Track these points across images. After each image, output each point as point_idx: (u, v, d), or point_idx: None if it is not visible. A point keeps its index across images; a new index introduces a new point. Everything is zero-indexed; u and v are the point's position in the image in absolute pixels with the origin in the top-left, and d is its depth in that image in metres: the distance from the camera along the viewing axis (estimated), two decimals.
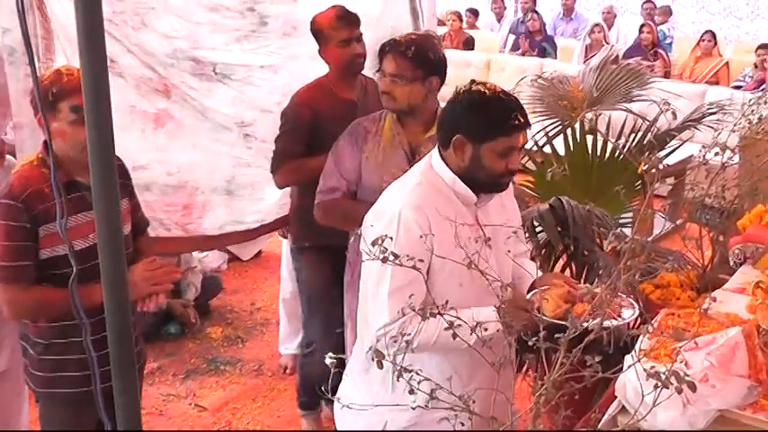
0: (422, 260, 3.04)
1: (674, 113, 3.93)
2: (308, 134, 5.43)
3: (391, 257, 2.76)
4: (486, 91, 3.60)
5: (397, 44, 4.75)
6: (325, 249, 5.61)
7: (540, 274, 4.08)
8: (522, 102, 3.71)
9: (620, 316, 3.43)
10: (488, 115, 3.56)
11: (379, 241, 2.85)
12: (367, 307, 3.69)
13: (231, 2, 5.42)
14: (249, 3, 5.49)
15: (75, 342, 4.10)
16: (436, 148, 3.76)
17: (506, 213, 3.91)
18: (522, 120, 3.56)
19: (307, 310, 5.93)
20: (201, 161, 5.56)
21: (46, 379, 4.23)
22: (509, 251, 3.68)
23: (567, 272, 5.27)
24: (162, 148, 5.35)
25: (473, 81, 3.71)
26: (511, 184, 4.04)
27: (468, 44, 16.57)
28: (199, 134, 5.52)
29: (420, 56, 4.72)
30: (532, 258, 5.01)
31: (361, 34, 5.45)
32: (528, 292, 3.82)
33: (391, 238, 2.92)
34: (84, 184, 4.00)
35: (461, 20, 17.36)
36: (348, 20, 5.39)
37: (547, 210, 5.04)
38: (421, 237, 3.35)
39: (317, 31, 5.44)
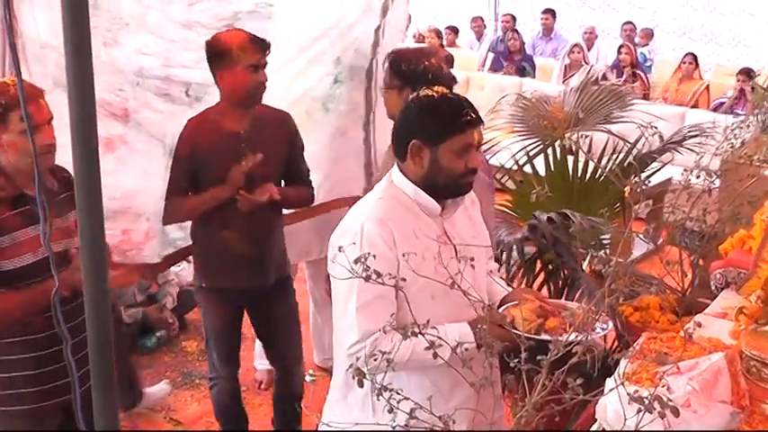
0: (390, 274, 3.00)
1: (660, 136, 3.94)
2: (188, 169, 5.20)
3: (374, 275, 2.74)
4: (435, 94, 3.65)
5: (389, 55, 4.97)
6: (223, 291, 5.54)
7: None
8: (502, 121, 3.72)
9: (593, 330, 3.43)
10: (440, 115, 3.59)
11: (349, 258, 2.85)
12: (339, 328, 3.68)
13: (206, 19, 5.30)
14: (227, 20, 5.37)
15: (22, 359, 4.08)
16: (395, 164, 3.76)
17: (474, 227, 3.93)
18: (474, 116, 3.59)
19: (209, 345, 5.83)
20: (151, 187, 5.42)
21: (0, 397, 4.19)
22: (473, 258, 3.63)
23: (545, 291, 5.28)
24: (107, 173, 5.21)
25: (420, 88, 3.74)
26: (478, 201, 4.06)
27: (448, 62, 16.54)
28: (152, 160, 5.41)
29: (394, 66, 4.89)
30: (512, 278, 5.02)
31: (266, 62, 5.16)
32: (498, 307, 3.82)
33: (374, 256, 2.89)
34: (32, 198, 3.96)
35: (441, 37, 17.35)
36: (262, 44, 5.08)
37: (545, 222, 5.04)
38: (403, 255, 3.33)
39: (222, 51, 5.01)
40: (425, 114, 3.62)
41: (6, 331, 4.05)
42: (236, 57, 4.99)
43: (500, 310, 3.73)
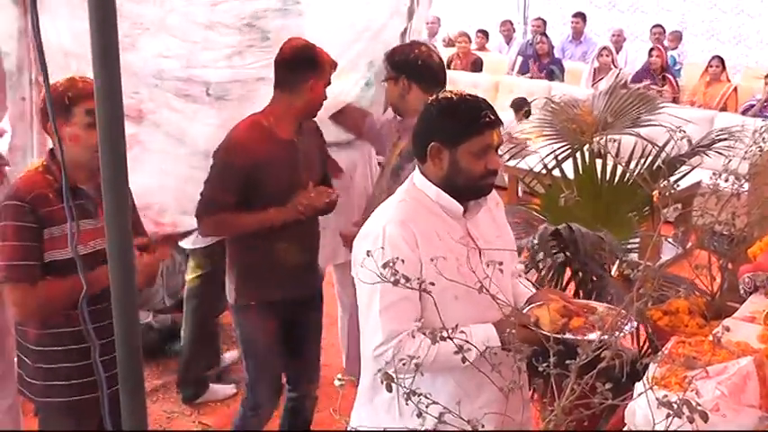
0: (418, 279, 3.01)
1: (689, 140, 3.93)
2: (241, 182, 5.00)
3: (402, 279, 2.75)
4: (454, 96, 3.66)
5: (386, 52, 5.36)
6: (271, 306, 5.35)
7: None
8: (531, 125, 3.72)
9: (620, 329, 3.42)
10: (459, 117, 3.61)
11: (369, 262, 2.89)
12: (364, 330, 3.68)
13: (229, 19, 5.27)
14: (248, 19, 5.34)
15: (68, 350, 4.14)
16: (417, 168, 3.78)
17: (499, 228, 3.93)
18: (493, 117, 3.60)
19: (253, 372, 5.51)
20: (169, 185, 5.39)
21: (43, 387, 4.26)
22: (501, 263, 3.60)
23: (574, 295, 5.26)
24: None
25: (439, 90, 3.76)
26: (502, 202, 4.07)
27: (477, 66, 16.54)
28: (168, 160, 5.34)
29: (389, 59, 5.31)
30: (541, 282, 5.01)
31: None
32: (524, 308, 3.81)
33: (402, 261, 2.90)
34: (85, 192, 4.10)
35: (470, 41, 17.35)
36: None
37: (545, 229, 5.02)
38: (432, 260, 3.33)
39: (316, 61, 5.05)
40: (444, 116, 3.64)
41: (50, 321, 4.13)
42: (324, 70, 5.07)
43: (524, 310, 3.73)
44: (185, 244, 6.24)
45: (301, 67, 5.02)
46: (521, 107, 12.61)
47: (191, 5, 5.16)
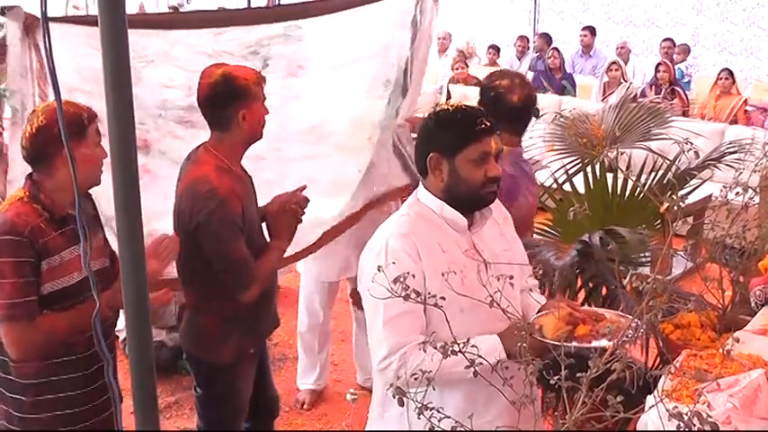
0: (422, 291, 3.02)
1: (696, 153, 3.94)
2: (243, 230, 4.68)
3: (413, 294, 2.77)
4: (450, 107, 3.71)
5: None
6: (260, 341, 5.20)
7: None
8: (542, 139, 3.75)
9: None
10: (455, 126, 3.65)
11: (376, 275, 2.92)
12: (371, 346, 3.72)
13: (234, 47, 5.27)
14: (253, 47, 5.36)
15: (72, 378, 4.11)
16: (421, 183, 3.82)
17: (507, 242, 3.96)
18: (488, 124, 3.63)
19: (226, 422, 5.11)
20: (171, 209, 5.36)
21: (44, 420, 4.17)
22: (511, 276, 3.57)
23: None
24: None
25: (437, 104, 3.80)
26: (510, 217, 4.09)
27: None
28: (171, 184, 5.12)
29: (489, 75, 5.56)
30: (552, 295, 5.00)
31: None
32: None
33: (413, 276, 2.91)
34: (73, 217, 3.98)
35: (467, 66, 17.21)
36: (262, 77, 4.76)
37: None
38: (442, 275, 3.34)
39: (243, 87, 4.58)
40: (441, 126, 3.69)
41: (50, 353, 4.06)
42: (254, 92, 4.65)
43: (530, 319, 3.74)
44: None
45: (226, 101, 4.64)
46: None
47: (194, 36, 5.15)
